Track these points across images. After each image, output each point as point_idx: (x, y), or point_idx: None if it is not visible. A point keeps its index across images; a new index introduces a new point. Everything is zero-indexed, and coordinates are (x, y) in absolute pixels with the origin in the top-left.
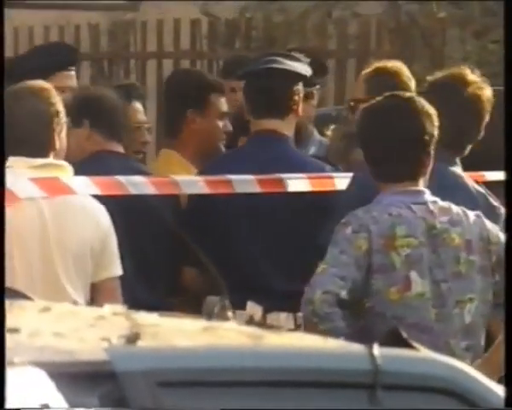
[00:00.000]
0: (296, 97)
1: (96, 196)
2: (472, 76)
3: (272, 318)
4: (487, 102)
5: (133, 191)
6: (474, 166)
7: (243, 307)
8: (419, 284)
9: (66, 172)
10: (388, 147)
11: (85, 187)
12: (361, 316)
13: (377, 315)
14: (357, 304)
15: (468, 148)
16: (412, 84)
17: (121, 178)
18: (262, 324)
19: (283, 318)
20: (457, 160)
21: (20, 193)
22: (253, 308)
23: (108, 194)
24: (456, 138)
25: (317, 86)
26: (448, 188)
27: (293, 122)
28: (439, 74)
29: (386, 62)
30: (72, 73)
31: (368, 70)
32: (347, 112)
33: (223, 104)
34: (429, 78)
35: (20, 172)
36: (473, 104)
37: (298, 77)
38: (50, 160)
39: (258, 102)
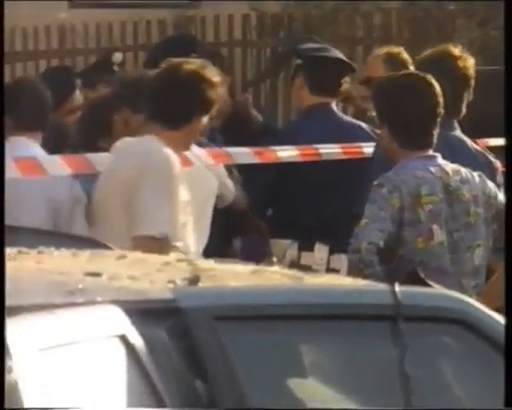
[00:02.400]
0: (345, 82)
1: None
2: (456, 50)
3: (335, 258)
4: (472, 69)
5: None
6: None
7: (312, 249)
8: (439, 234)
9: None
10: (412, 120)
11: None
12: (392, 262)
13: (407, 261)
14: (389, 252)
15: (464, 110)
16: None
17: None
18: (301, 266)
19: (344, 258)
20: (456, 124)
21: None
22: (321, 249)
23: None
24: (453, 105)
25: None
26: (455, 149)
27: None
28: (425, 53)
29: (392, 47)
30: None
31: (381, 52)
32: (362, 87)
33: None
34: (417, 57)
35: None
36: (462, 73)
37: (350, 67)
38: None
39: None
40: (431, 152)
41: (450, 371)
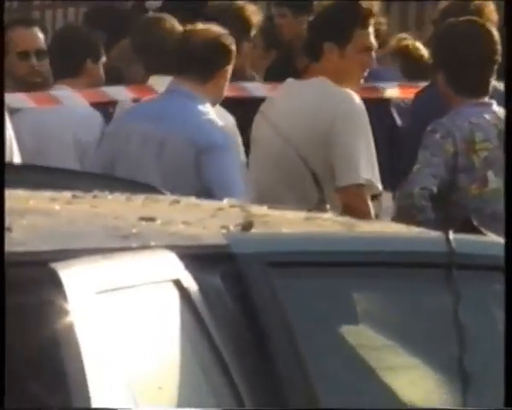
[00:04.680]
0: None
1: None
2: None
3: None
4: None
5: None
6: None
7: None
8: (494, 181)
9: None
10: (470, 67)
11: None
12: (445, 208)
13: (461, 208)
14: (442, 198)
15: None
16: None
17: None
18: None
19: None
20: None
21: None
22: None
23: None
24: None
25: None
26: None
27: None
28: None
29: None
30: None
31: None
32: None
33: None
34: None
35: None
36: None
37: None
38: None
39: None
40: (486, 99)
41: (503, 319)
